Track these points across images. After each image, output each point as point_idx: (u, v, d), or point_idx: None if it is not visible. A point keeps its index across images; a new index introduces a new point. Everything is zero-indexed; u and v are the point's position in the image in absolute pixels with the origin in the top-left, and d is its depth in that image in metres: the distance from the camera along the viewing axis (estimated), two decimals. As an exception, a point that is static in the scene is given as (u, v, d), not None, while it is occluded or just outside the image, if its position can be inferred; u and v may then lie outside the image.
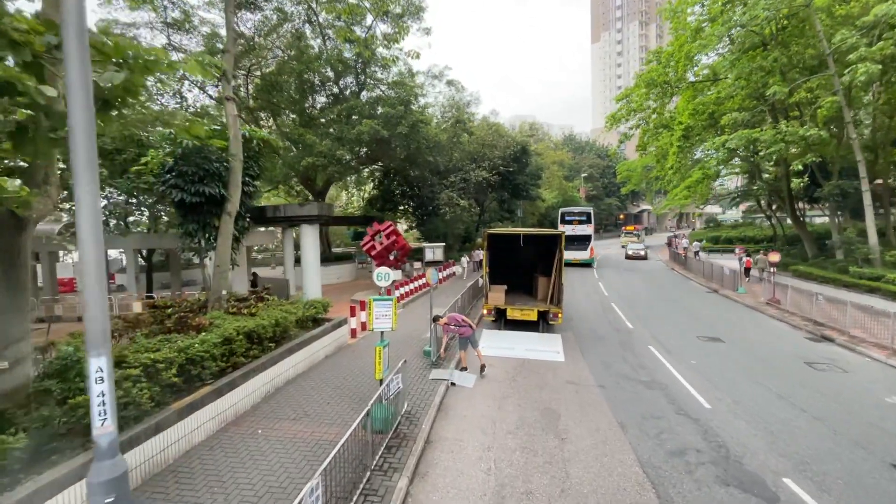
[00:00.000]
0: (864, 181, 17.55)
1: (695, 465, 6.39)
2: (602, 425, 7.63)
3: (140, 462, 5.70)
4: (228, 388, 7.52)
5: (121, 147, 16.04)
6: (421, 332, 13.51)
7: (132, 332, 8.27)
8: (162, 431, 6.09)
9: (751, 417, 7.89)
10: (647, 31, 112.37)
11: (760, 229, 40.53)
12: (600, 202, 68.02)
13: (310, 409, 8.00)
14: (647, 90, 27.13)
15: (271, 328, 9.29)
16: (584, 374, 10.20)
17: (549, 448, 6.86)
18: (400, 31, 13.70)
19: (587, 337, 13.47)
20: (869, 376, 9.93)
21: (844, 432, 7.31)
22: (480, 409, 8.30)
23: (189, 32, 22.47)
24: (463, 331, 10.09)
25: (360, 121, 22.63)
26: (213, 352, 7.51)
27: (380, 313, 7.50)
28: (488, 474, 6.17)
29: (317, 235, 17.75)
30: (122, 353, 6.57)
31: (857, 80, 14.85)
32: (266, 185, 32.40)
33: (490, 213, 41.26)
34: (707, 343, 12.73)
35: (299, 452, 6.49)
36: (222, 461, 6.27)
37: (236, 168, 10.87)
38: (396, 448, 6.64)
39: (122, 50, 3.92)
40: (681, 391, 9.18)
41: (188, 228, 12.20)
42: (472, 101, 33.71)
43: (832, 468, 6.27)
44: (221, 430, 7.19)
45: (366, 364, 10.54)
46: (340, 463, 5.32)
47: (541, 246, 16.16)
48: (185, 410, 6.53)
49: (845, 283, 17.15)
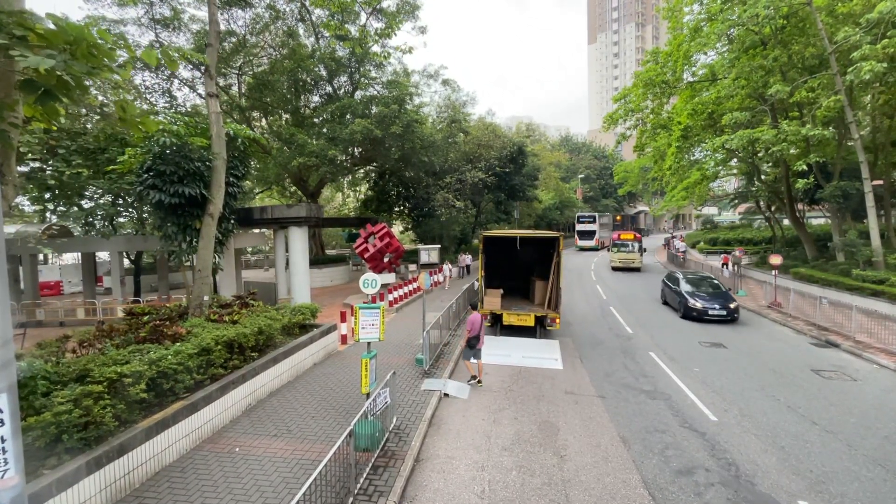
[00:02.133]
0: (867, 182, 17.20)
1: (704, 485, 5.95)
2: (603, 440, 7.18)
3: (100, 488, 5.20)
4: (204, 402, 7.02)
5: (104, 146, 15.52)
6: (414, 338, 13.04)
7: (104, 341, 7.75)
8: (127, 453, 5.59)
9: (760, 431, 7.46)
10: (643, 33, 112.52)
11: (759, 231, 40.27)
12: (597, 203, 67.75)
13: (292, 425, 7.50)
14: (644, 90, 26.75)
15: (254, 337, 8.80)
16: (584, 384, 9.75)
17: (547, 467, 6.40)
18: (392, 26, 13.24)
19: (586, 343, 13.03)
20: (880, 385, 9.53)
21: (860, 447, 6.90)
22: (474, 422, 7.84)
23: (178, 30, 21.98)
24: (473, 333, 9.35)
25: (353, 120, 22.17)
26: (188, 364, 7.01)
27: (366, 322, 7.01)
28: (482, 498, 5.70)
29: (306, 238, 17.23)
30: (86, 366, 6.09)
31: (861, 78, 14.51)
32: (259, 185, 31.91)
33: (486, 215, 40.86)
34: (709, 349, 12.31)
35: (278, 474, 6.00)
36: (193, 485, 5.78)
37: (219, 168, 10.36)
38: (383, 468, 6.17)
39: (62, 35, 3.44)
40: (685, 402, 8.75)
41: (167, 231, 11.67)
42: (468, 101, 33.38)
43: (850, 489, 5.85)
44: (196, 449, 6.69)
45: (355, 373, 10.05)
46: (321, 487, 4.87)
47: (538, 248, 15.73)
48: (153, 429, 6.02)
49: (848, 286, 16.79)
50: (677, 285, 17.14)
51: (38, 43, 3.70)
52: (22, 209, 21.57)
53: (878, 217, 18.54)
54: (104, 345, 7.27)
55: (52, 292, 26.42)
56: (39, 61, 3.07)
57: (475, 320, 9.42)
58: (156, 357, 6.60)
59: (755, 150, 22.52)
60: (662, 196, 42.88)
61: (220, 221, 12.09)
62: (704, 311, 15.19)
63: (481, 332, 9.49)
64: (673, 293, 17.22)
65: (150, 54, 4.09)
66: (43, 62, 3.07)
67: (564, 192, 56.68)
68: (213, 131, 10.44)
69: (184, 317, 9.68)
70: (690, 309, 15.44)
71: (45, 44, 3.77)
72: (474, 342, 9.42)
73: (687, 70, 25.38)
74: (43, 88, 3.64)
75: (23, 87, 3.59)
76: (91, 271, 20.74)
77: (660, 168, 30.31)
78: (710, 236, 43.15)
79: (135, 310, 9.72)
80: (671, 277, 18.36)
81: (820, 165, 21.50)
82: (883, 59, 14.74)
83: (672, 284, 17.73)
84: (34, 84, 3.61)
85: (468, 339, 9.40)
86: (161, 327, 8.00)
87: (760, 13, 16.71)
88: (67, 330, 10.46)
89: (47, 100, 3.64)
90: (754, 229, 42.32)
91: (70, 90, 3.80)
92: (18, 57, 3.12)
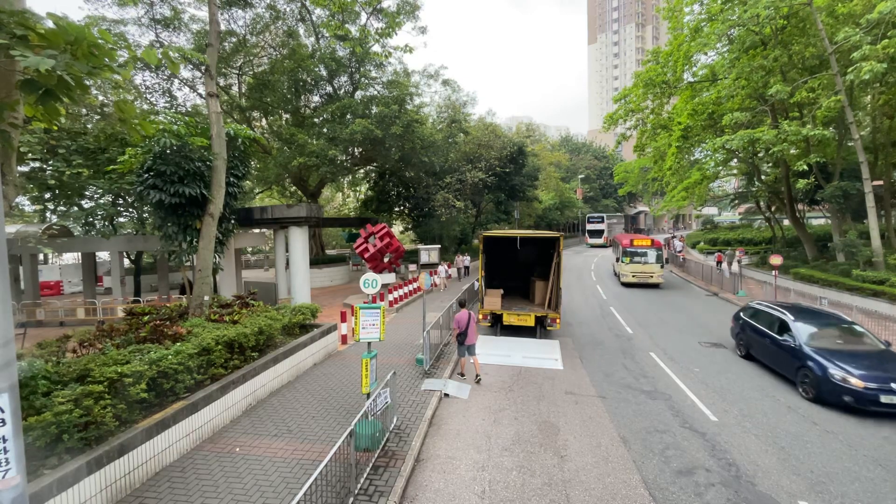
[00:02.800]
0: (867, 182, 17.20)
1: (704, 486, 5.95)
2: (603, 441, 7.18)
3: (101, 488, 5.20)
4: (205, 402, 7.02)
5: (104, 146, 15.52)
6: (414, 338, 13.04)
7: (104, 341, 7.75)
8: (127, 453, 5.59)
9: (760, 431, 7.46)
10: (643, 33, 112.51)
11: (759, 231, 40.28)
12: (597, 203, 67.72)
13: (293, 425, 7.50)
14: (645, 90, 26.77)
15: (254, 336, 8.79)
16: (584, 384, 9.75)
17: (547, 467, 6.40)
18: (392, 26, 13.25)
19: (586, 343, 13.03)
20: (880, 385, 9.50)
21: (860, 447, 6.90)
22: (475, 422, 7.83)
23: (178, 30, 21.98)
24: (459, 330, 9.63)
25: (353, 120, 22.17)
26: (188, 363, 7.01)
27: (367, 322, 7.01)
28: (482, 498, 5.70)
29: (306, 238, 17.24)
30: (87, 366, 6.08)
31: (861, 78, 14.51)
32: (259, 185, 31.90)
33: (486, 215, 40.84)
34: (709, 349, 12.31)
35: (278, 474, 6.00)
36: (194, 485, 5.78)
37: (219, 167, 10.37)
38: (384, 468, 6.17)
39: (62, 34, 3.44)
40: (685, 402, 8.75)
41: (168, 231, 11.66)
42: (468, 101, 33.38)
43: (850, 489, 5.84)
44: (196, 449, 6.69)
45: (355, 373, 10.05)
46: (322, 486, 4.87)
47: (538, 248, 15.74)
48: (154, 429, 6.02)
49: (848, 286, 16.79)
50: (784, 333, 9.83)
51: (39, 43, 3.70)
52: (22, 209, 21.59)
53: (878, 217, 18.54)
54: (104, 345, 7.26)
55: (52, 292, 26.43)
56: (40, 61, 3.06)
57: (461, 318, 9.67)
58: (156, 357, 6.59)
59: (755, 151, 22.55)
60: (662, 196, 42.84)
61: (220, 221, 12.08)
62: (874, 396, 7.77)
63: (469, 329, 9.65)
64: (773, 346, 10.07)
65: (150, 54, 4.09)
66: (43, 62, 3.07)
67: (564, 193, 56.64)
68: (213, 131, 10.44)
69: (184, 317, 9.68)
70: (837, 387, 8.14)
71: (46, 44, 3.77)
72: (462, 338, 9.68)
73: (687, 70, 25.39)
74: (43, 88, 3.64)
75: (23, 87, 3.59)
76: (91, 271, 20.74)
77: (660, 168, 30.31)
78: (710, 237, 43.17)
79: (135, 310, 9.71)
80: (762, 315, 10.95)
81: (820, 166, 21.50)
82: (883, 60, 14.74)
83: (767, 329, 10.43)
84: (35, 84, 3.61)
85: (457, 337, 9.74)
86: (161, 327, 7.99)
87: (761, 13, 16.71)
88: (68, 330, 10.45)
89: (48, 100, 3.64)
90: (754, 230, 42.35)
91: (70, 90, 3.80)
92: (19, 57, 3.12)
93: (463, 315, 9.69)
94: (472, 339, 9.73)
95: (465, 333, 9.62)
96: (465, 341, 9.67)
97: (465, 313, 9.71)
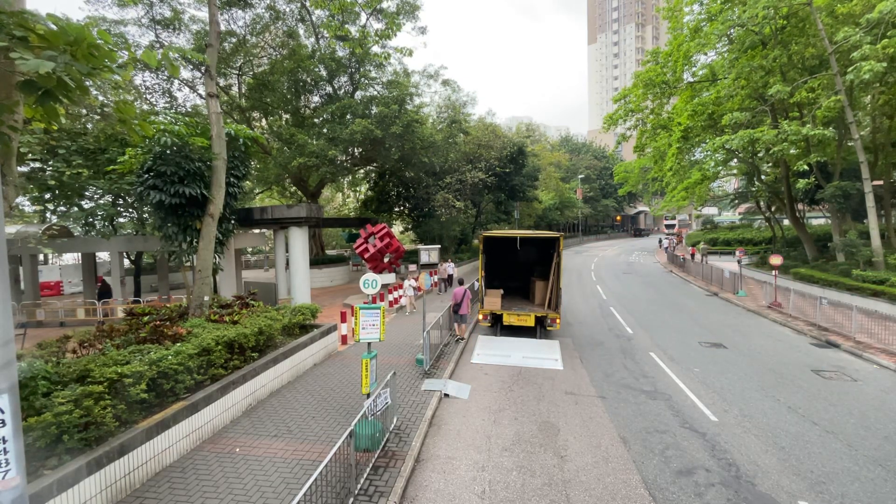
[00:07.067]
0: (867, 182, 17.20)
1: (704, 486, 5.95)
2: (604, 441, 7.18)
3: (101, 489, 5.20)
4: (205, 402, 7.02)
5: (104, 146, 15.51)
6: (414, 338, 13.03)
7: (104, 341, 7.75)
8: (127, 453, 5.59)
9: (760, 431, 7.46)
10: (643, 33, 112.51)
11: (759, 231, 40.29)
12: (597, 203, 67.77)
13: (293, 425, 7.50)
14: (644, 90, 26.76)
15: (254, 337, 8.79)
16: (584, 384, 9.75)
17: (547, 467, 6.40)
18: (392, 27, 13.25)
19: (586, 343, 13.03)
20: (880, 385, 9.53)
21: (860, 447, 6.89)
22: (475, 423, 7.83)
23: (178, 30, 21.98)
24: (455, 302, 12.33)
25: (353, 120, 22.16)
26: (188, 364, 7.01)
27: (367, 323, 7.01)
28: (482, 498, 5.70)
29: (306, 238, 17.23)
30: (87, 366, 6.08)
31: (861, 78, 14.50)
32: (259, 186, 31.90)
33: (486, 215, 40.84)
34: (709, 349, 12.31)
35: (278, 475, 6.00)
36: (194, 485, 5.78)
37: (219, 168, 10.36)
38: (384, 468, 6.17)
39: (62, 35, 3.44)
40: (685, 402, 8.75)
41: (168, 231, 11.66)
42: (468, 101, 33.35)
43: (850, 489, 5.84)
44: (196, 449, 6.69)
45: (355, 373, 10.05)
46: (322, 487, 4.87)
47: (538, 249, 15.74)
48: (154, 429, 6.02)
49: (848, 286, 16.78)
50: None
51: (39, 44, 3.70)
52: (22, 209, 21.55)
53: (878, 217, 18.54)
54: (104, 345, 7.26)
55: (52, 292, 26.43)
56: (39, 64, 3.06)
57: (458, 292, 12.30)
58: (156, 357, 6.59)
59: (755, 151, 22.57)
60: (662, 196, 42.86)
61: (220, 222, 12.08)
62: None
63: (464, 302, 12.30)
64: None
65: (150, 55, 4.09)
66: (42, 65, 3.06)
67: (564, 193, 56.66)
68: (213, 131, 10.44)
69: (184, 317, 9.68)
70: None
71: (46, 44, 3.78)
72: (457, 309, 12.40)
73: (687, 70, 25.40)
74: (43, 89, 3.64)
75: (23, 88, 3.59)
76: (91, 271, 20.74)
77: (660, 168, 30.33)
78: (710, 236, 43.18)
79: (135, 310, 9.71)
80: None
81: (820, 165, 21.52)
82: (883, 59, 14.75)
83: None
84: (34, 85, 3.61)
85: (452, 307, 12.49)
86: (161, 327, 8.00)
87: (760, 13, 16.72)
88: (68, 330, 10.46)
89: (47, 100, 3.64)
90: (754, 229, 42.35)
91: (70, 91, 3.80)
92: (18, 60, 3.12)
93: (459, 290, 12.23)
94: (465, 310, 12.42)
95: (459, 305, 12.27)
96: (459, 311, 12.36)
97: (461, 289, 12.25)
